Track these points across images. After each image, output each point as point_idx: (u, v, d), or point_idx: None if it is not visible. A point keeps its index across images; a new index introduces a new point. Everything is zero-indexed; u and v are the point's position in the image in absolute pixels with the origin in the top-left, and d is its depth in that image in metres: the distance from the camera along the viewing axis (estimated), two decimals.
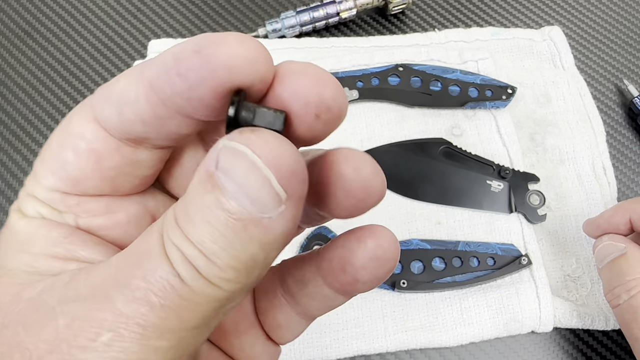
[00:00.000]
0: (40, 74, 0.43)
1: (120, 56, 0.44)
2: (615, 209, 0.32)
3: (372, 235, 0.16)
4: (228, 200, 0.12)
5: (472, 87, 0.41)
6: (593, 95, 0.44)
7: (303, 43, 0.44)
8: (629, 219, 0.30)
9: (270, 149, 0.12)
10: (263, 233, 0.12)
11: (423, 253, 0.33)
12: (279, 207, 0.12)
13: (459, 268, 0.33)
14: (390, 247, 0.15)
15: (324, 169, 0.14)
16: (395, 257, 0.15)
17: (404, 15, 0.48)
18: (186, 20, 0.46)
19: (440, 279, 0.33)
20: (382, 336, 0.34)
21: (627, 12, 0.49)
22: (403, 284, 0.32)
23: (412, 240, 0.33)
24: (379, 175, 0.14)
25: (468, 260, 0.33)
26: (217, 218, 0.12)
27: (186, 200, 0.13)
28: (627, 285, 0.28)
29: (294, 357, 0.33)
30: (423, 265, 0.33)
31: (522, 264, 0.34)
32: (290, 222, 0.13)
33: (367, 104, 0.42)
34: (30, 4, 0.46)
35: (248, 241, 0.12)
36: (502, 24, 0.48)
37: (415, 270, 0.33)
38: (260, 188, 0.12)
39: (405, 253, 0.33)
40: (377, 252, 0.15)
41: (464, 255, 0.33)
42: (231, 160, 0.12)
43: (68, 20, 0.46)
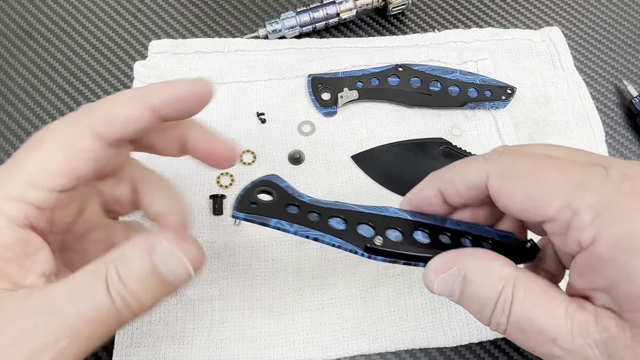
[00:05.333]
0: (40, 74, 0.43)
1: (120, 56, 0.44)
2: (423, 182, 0.26)
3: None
4: (161, 273, 0.23)
5: (471, 88, 0.41)
6: (592, 95, 0.44)
7: (303, 43, 0.44)
8: (438, 190, 0.25)
9: (192, 254, 0.24)
10: (173, 288, 0.24)
11: (401, 222, 0.26)
12: (186, 281, 0.24)
13: (449, 246, 0.25)
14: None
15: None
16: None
17: (404, 15, 0.48)
18: (186, 20, 0.46)
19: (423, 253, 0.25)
20: (382, 336, 0.34)
21: (627, 13, 0.49)
22: (378, 240, 0.25)
23: (387, 208, 0.27)
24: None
25: (459, 239, 0.26)
26: (150, 281, 0.23)
27: (126, 264, 0.22)
28: (496, 307, 0.22)
29: (294, 356, 0.33)
30: (402, 234, 0.25)
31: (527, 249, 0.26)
32: (189, 281, 0.24)
33: (367, 104, 0.42)
34: (30, 4, 0.46)
35: (164, 292, 0.23)
36: (501, 25, 0.48)
37: (393, 238, 0.25)
38: (182, 272, 0.23)
39: (378, 219, 0.26)
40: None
41: (454, 233, 0.26)
42: (167, 256, 0.23)
43: (68, 20, 0.46)
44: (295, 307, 0.35)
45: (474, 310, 0.23)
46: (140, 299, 0.22)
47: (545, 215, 0.21)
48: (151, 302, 0.23)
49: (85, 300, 0.21)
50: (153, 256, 0.22)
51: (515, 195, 0.22)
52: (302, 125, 0.41)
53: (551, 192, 0.21)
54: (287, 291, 0.35)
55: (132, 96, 0.24)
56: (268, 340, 0.34)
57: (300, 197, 0.26)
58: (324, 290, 0.35)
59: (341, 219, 0.26)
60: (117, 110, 0.24)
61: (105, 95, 0.43)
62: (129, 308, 0.22)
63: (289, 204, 0.26)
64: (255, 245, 0.36)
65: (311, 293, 0.35)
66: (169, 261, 0.23)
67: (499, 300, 0.22)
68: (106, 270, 0.22)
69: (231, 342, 0.34)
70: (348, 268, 0.36)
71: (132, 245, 0.23)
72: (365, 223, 0.25)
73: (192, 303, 0.34)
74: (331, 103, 0.41)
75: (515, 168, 0.23)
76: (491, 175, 0.23)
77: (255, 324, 0.34)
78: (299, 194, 0.27)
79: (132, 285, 0.22)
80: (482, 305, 0.22)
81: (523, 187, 0.22)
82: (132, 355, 0.33)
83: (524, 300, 0.21)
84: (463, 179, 0.24)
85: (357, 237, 0.25)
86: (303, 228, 0.25)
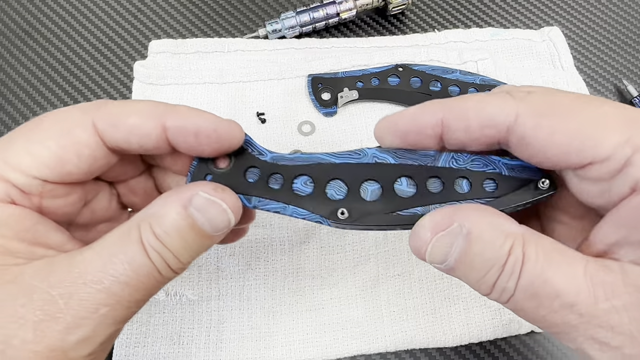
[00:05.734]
0: (40, 74, 0.43)
1: (120, 56, 0.44)
2: (420, 107, 0.21)
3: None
4: (200, 227, 0.21)
5: (471, 88, 0.41)
6: (592, 95, 0.44)
7: (303, 43, 0.44)
8: (441, 120, 0.21)
9: (232, 203, 0.22)
10: (212, 241, 0.22)
11: (381, 170, 0.22)
12: (225, 230, 0.22)
13: (438, 195, 0.21)
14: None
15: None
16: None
17: (404, 15, 0.48)
18: (186, 20, 0.46)
19: (405, 209, 0.21)
20: (382, 336, 0.34)
21: (627, 13, 0.49)
22: (342, 214, 0.21)
23: (365, 151, 0.22)
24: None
25: (453, 182, 0.21)
26: (189, 235, 0.21)
27: (160, 221, 0.20)
28: (505, 269, 0.18)
29: (294, 356, 0.33)
30: (380, 187, 0.22)
31: (541, 188, 0.21)
32: (227, 233, 0.22)
33: (367, 104, 0.42)
34: (30, 4, 0.46)
35: (202, 247, 0.22)
36: (501, 25, 0.48)
37: (368, 196, 0.22)
38: (222, 222, 0.21)
39: (352, 169, 0.22)
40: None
41: (447, 174, 0.21)
42: (207, 205, 0.21)
43: (68, 20, 0.46)
44: (295, 307, 0.35)
45: (476, 276, 0.19)
46: (180, 254, 0.21)
47: (596, 155, 0.18)
48: (190, 257, 0.21)
49: (120, 263, 0.19)
50: (189, 208, 0.21)
51: (558, 135, 0.18)
52: (302, 125, 0.41)
53: (606, 128, 0.18)
54: (286, 291, 0.35)
55: (148, 108, 0.22)
56: (268, 341, 0.34)
57: (261, 155, 0.23)
58: (323, 291, 0.35)
59: (308, 178, 0.22)
60: (127, 116, 0.21)
61: (105, 95, 0.43)
62: (167, 266, 0.20)
63: (248, 167, 0.23)
64: (254, 245, 0.36)
65: (311, 293, 0.35)
66: (209, 211, 0.21)
67: (509, 261, 0.18)
68: (139, 229, 0.20)
69: (231, 342, 0.34)
70: (348, 268, 0.36)
71: (165, 201, 0.21)
72: (336, 179, 0.22)
73: (192, 303, 0.34)
74: (331, 103, 0.41)
75: (556, 104, 0.19)
76: (522, 113, 0.19)
77: (255, 324, 0.34)
78: (260, 151, 0.23)
79: (169, 241, 0.20)
80: (487, 267, 0.19)
81: (569, 123, 0.18)
82: (131, 355, 0.33)
83: (537, 259, 0.18)
84: (480, 113, 0.20)
85: (325, 204, 0.22)
86: (263, 201, 0.22)
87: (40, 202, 0.22)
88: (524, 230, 0.19)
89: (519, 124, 0.19)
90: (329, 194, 0.22)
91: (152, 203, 0.21)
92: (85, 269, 0.19)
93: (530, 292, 0.18)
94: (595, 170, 0.18)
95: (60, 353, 0.19)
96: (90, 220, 0.25)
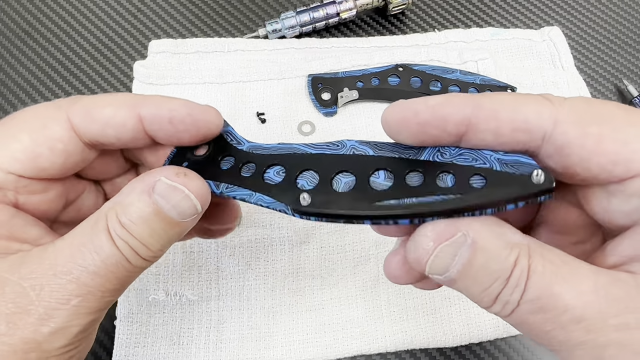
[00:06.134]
0: (40, 74, 0.43)
1: (120, 56, 0.44)
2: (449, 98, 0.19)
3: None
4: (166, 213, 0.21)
5: (471, 88, 0.41)
6: (593, 95, 0.44)
7: (303, 43, 0.44)
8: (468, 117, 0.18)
9: (195, 187, 0.21)
10: (181, 228, 0.21)
11: (359, 161, 0.20)
12: (193, 216, 0.21)
13: (416, 188, 0.19)
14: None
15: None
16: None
17: (404, 15, 0.48)
18: (186, 20, 0.46)
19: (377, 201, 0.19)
20: (382, 336, 0.34)
21: (627, 12, 0.49)
22: (303, 199, 0.20)
23: (345, 142, 0.21)
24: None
25: (436, 177, 0.19)
26: (155, 222, 0.20)
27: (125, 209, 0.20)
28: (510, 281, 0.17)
29: (294, 356, 0.33)
30: (355, 180, 0.20)
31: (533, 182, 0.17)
32: (197, 220, 0.22)
33: (367, 104, 0.42)
34: (30, 4, 0.46)
35: (172, 235, 0.21)
36: (501, 24, 0.48)
37: (340, 187, 0.20)
38: (187, 208, 0.21)
39: (328, 160, 0.20)
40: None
41: (429, 168, 0.19)
42: (169, 191, 0.21)
43: (68, 20, 0.46)
44: (295, 307, 0.35)
45: (479, 288, 0.18)
46: (147, 243, 0.20)
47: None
48: (160, 245, 0.21)
49: (88, 253, 0.19)
50: (153, 195, 0.20)
51: (606, 145, 0.17)
52: (302, 125, 0.41)
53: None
54: (286, 291, 0.35)
55: (122, 99, 0.22)
56: (268, 341, 0.34)
57: (239, 144, 0.23)
58: (323, 291, 0.35)
59: (281, 168, 0.21)
60: (102, 107, 0.21)
61: None
62: (136, 254, 0.20)
63: (225, 155, 0.23)
64: (254, 245, 0.36)
65: (311, 293, 0.35)
66: (172, 197, 0.21)
67: (514, 273, 0.17)
68: (106, 218, 0.20)
69: (230, 342, 0.34)
70: (348, 268, 0.36)
71: (130, 189, 0.21)
72: (309, 169, 0.21)
73: (192, 303, 0.34)
74: (331, 103, 0.41)
75: (600, 112, 0.17)
76: (564, 120, 0.17)
77: (255, 324, 0.34)
78: (238, 140, 0.23)
79: (135, 229, 0.20)
80: (491, 280, 0.17)
81: (618, 133, 0.17)
82: (131, 355, 0.33)
83: (544, 271, 0.17)
84: (515, 115, 0.18)
85: (292, 193, 0.20)
86: (230, 188, 0.22)
87: (16, 198, 0.21)
88: (530, 241, 0.18)
89: (560, 132, 0.17)
90: (300, 184, 0.21)
91: (120, 190, 0.21)
92: (56, 260, 0.19)
93: (537, 305, 0.17)
94: (636, 184, 0.17)
95: (34, 345, 0.19)
96: (77, 219, 0.24)
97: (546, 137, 0.18)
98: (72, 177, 0.24)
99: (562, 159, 0.18)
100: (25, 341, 0.18)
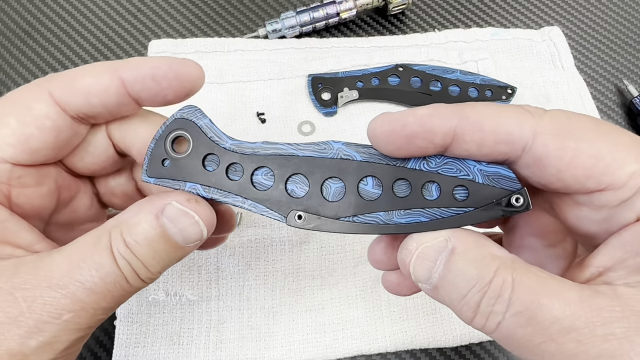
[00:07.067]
0: (41, 74, 0.43)
1: (120, 56, 0.44)
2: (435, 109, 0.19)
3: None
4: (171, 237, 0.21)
5: (472, 87, 0.41)
6: (593, 95, 0.44)
7: (303, 43, 0.44)
8: (452, 129, 0.19)
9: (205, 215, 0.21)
10: (184, 252, 0.22)
11: (346, 167, 0.20)
12: (197, 242, 0.22)
13: (404, 200, 0.20)
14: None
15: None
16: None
17: (404, 15, 0.48)
18: (186, 20, 0.46)
19: (368, 213, 0.20)
20: (382, 336, 0.34)
21: (627, 13, 0.49)
22: (299, 218, 0.20)
23: (331, 144, 0.21)
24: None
25: (422, 187, 0.20)
26: (159, 245, 0.20)
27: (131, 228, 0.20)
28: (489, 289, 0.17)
29: (294, 356, 0.33)
30: (344, 187, 0.20)
31: (515, 205, 0.19)
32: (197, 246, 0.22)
33: (367, 104, 0.42)
34: (30, 4, 0.46)
35: (173, 258, 0.21)
36: (502, 24, 0.48)
37: (330, 195, 0.20)
38: (194, 233, 0.21)
39: (315, 163, 0.21)
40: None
41: (416, 177, 0.20)
42: (179, 215, 0.21)
43: (68, 20, 0.46)
44: (295, 307, 0.35)
45: (458, 295, 0.18)
46: (149, 264, 0.20)
47: (614, 180, 0.17)
48: (160, 268, 0.21)
49: (87, 269, 0.19)
50: (161, 218, 0.20)
51: (581, 159, 0.18)
52: (302, 125, 0.41)
53: (627, 155, 0.17)
54: (286, 291, 0.35)
55: (102, 66, 0.21)
56: (268, 341, 0.34)
57: (221, 142, 0.22)
58: (324, 291, 0.35)
59: (269, 170, 0.21)
60: (82, 78, 0.21)
61: None
62: (136, 275, 0.20)
63: (208, 153, 0.22)
64: (254, 245, 0.36)
65: (311, 293, 0.35)
66: (180, 222, 0.21)
67: (494, 282, 0.17)
68: (109, 236, 0.20)
69: (230, 342, 0.34)
70: (348, 268, 0.36)
71: (138, 209, 0.21)
72: (298, 173, 0.21)
73: (192, 303, 0.34)
74: (331, 103, 0.41)
75: (577, 127, 0.18)
76: (543, 132, 0.18)
77: (255, 324, 0.34)
78: (219, 136, 0.22)
79: (139, 250, 0.20)
80: (469, 285, 0.18)
81: (593, 148, 0.18)
82: (131, 355, 0.33)
83: (530, 285, 0.17)
84: (498, 127, 0.18)
85: (284, 201, 0.21)
86: (221, 192, 0.22)
87: (9, 192, 0.21)
88: (514, 257, 0.18)
89: (539, 144, 0.18)
90: (290, 189, 0.21)
91: (126, 209, 0.21)
92: (52, 272, 0.19)
93: (524, 317, 0.17)
94: (606, 196, 0.18)
95: (20, 357, 0.18)
96: (72, 220, 0.24)
97: (526, 148, 0.19)
98: (64, 173, 0.23)
99: (539, 169, 0.19)
100: (12, 353, 0.18)
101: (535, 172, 0.19)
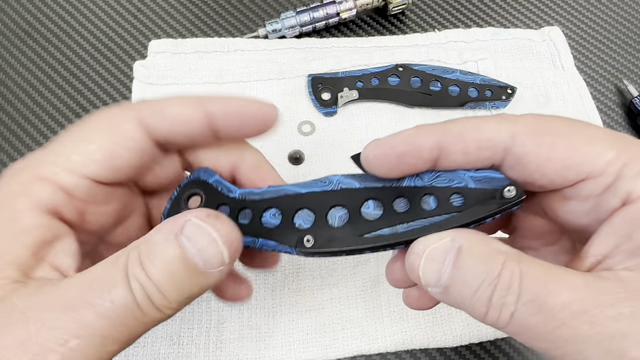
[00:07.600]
0: (40, 74, 0.43)
1: (120, 56, 0.44)
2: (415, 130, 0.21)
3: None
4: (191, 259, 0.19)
5: (472, 87, 0.41)
6: (593, 95, 0.44)
7: (303, 43, 0.44)
8: (437, 144, 0.20)
9: (226, 232, 0.19)
10: (205, 281, 0.19)
11: (348, 195, 0.22)
12: (221, 267, 0.19)
13: (405, 214, 0.21)
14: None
15: None
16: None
17: (404, 15, 0.48)
18: (186, 20, 0.46)
19: (373, 231, 0.21)
20: (382, 336, 0.34)
21: (627, 12, 0.49)
22: (307, 241, 0.21)
23: (331, 178, 0.22)
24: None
25: (420, 200, 0.21)
26: (177, 267, 0.18)
27: (149, 249, 0.18)
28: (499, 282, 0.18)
29: (294, 356, 0.33)
30: (348, 213, 0.22)
31: (508, 197, 0.20)
32: (224, 275, 0.20)
33: (367, 104, 0.42)
34: (30, 4, 0.46)
35: (194, 286, 0.19)
36: (501, 24, 0.48)
37: (336, 222, 0.22)
38: (214, 255, 0.19)
39: (318, 197, 0.22)
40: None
41: (412, 193, 0.21)
42: (197, 233, 0.19)
43: (68, 20, 0.46)
44: (295, 307, 0.35)
45: (469, 292, 0.18)
46: (166, 291, 0.18)
47: (593, 169, 0.18)
48: (178, 296, 0.19)
49: (100, 290, 0.18)
50: (180, 237, 0.19)
51: (558, 152, 0.19)
52: (302, 125, 0.41)
53: (601, 144, 0.19)
54: (286, 291, 0.35)
55: (188, 98, 0.22)
56: (268, 341, 0.34)
57: (230, 192, 0.23)
58: (323, 291, 0.35)
59: (276, 210, 0.22)
60: (169, 106, 0.21)
61: (106, 95, 0.43)
62: (151, 303, 0.18)
63: (219, 204, 0.23)
64: None
65: (311, 293, 0.35)
66: (198, 240, 0.19)
67: (503, 274, 0.18)
68: (127, 256, 0.18)
69: (230, 342, 0.34)
70: (348, 268, 0.36)
71: (158, 228, 0.19)
72: (303, 208, 0.22)
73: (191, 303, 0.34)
74: (331, 103, 0.41)
75: (550, 125, 0.20)
76: (520, 133, 0.20)
77: (255, 324, 0.34)
78: (229, 189, 0.23)
79: (155, 274, 0.18)
80: (479, 280, 0.18)
81: (567, 141, 0.19)
82: (131, 355, 0.33)
83: (537, 274, 0.18)
84: (478, 135, 0.20)
85: (292, 233, 0.22)
86: None
87: (84, 209, 0.21)
88: (518, 251, 0.19)
89: (518, 144, 0.20)
90: (297, 224, 0.22)
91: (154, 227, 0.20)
92: (66, 294, 0.18)
93: (536, 305, 0.17)
94: (589, 186, 0.19)
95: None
96: (123, 240, 0.23)
97: (507, 150, 0.20)
98: (127, 192, 0.23)
99: (522, 169, 0.20)
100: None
101: (520, 171, 0.20)
